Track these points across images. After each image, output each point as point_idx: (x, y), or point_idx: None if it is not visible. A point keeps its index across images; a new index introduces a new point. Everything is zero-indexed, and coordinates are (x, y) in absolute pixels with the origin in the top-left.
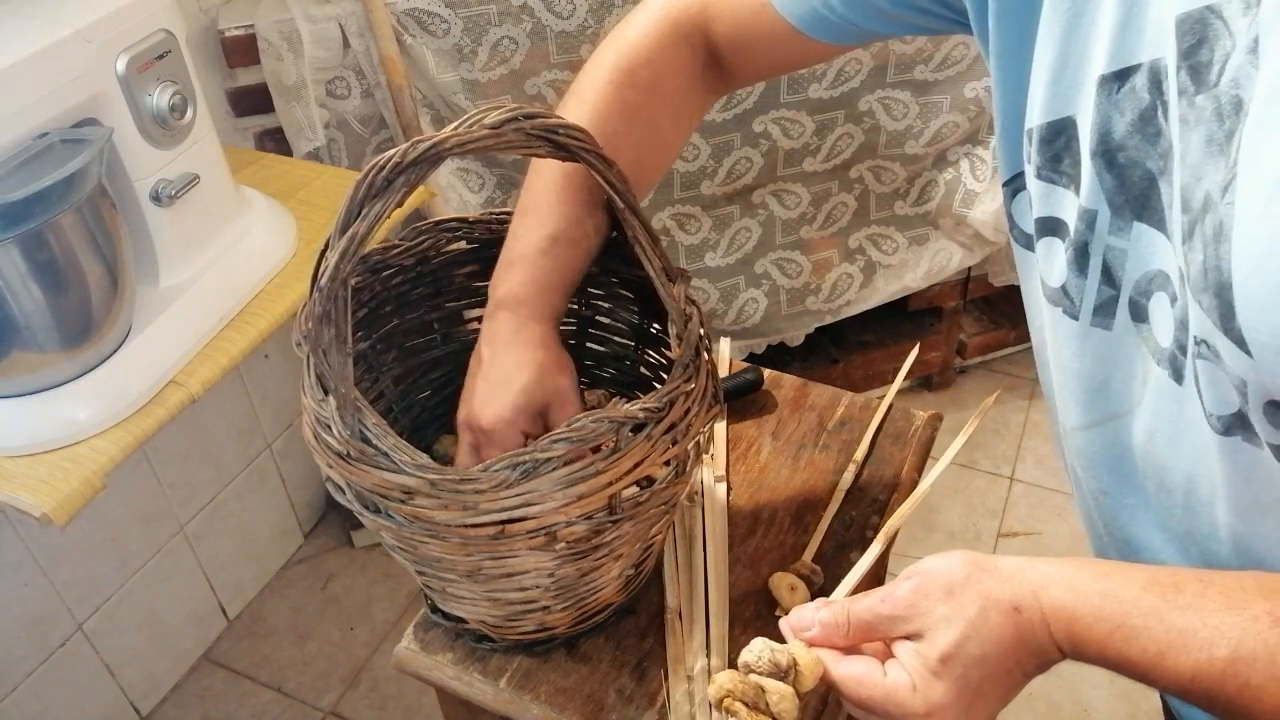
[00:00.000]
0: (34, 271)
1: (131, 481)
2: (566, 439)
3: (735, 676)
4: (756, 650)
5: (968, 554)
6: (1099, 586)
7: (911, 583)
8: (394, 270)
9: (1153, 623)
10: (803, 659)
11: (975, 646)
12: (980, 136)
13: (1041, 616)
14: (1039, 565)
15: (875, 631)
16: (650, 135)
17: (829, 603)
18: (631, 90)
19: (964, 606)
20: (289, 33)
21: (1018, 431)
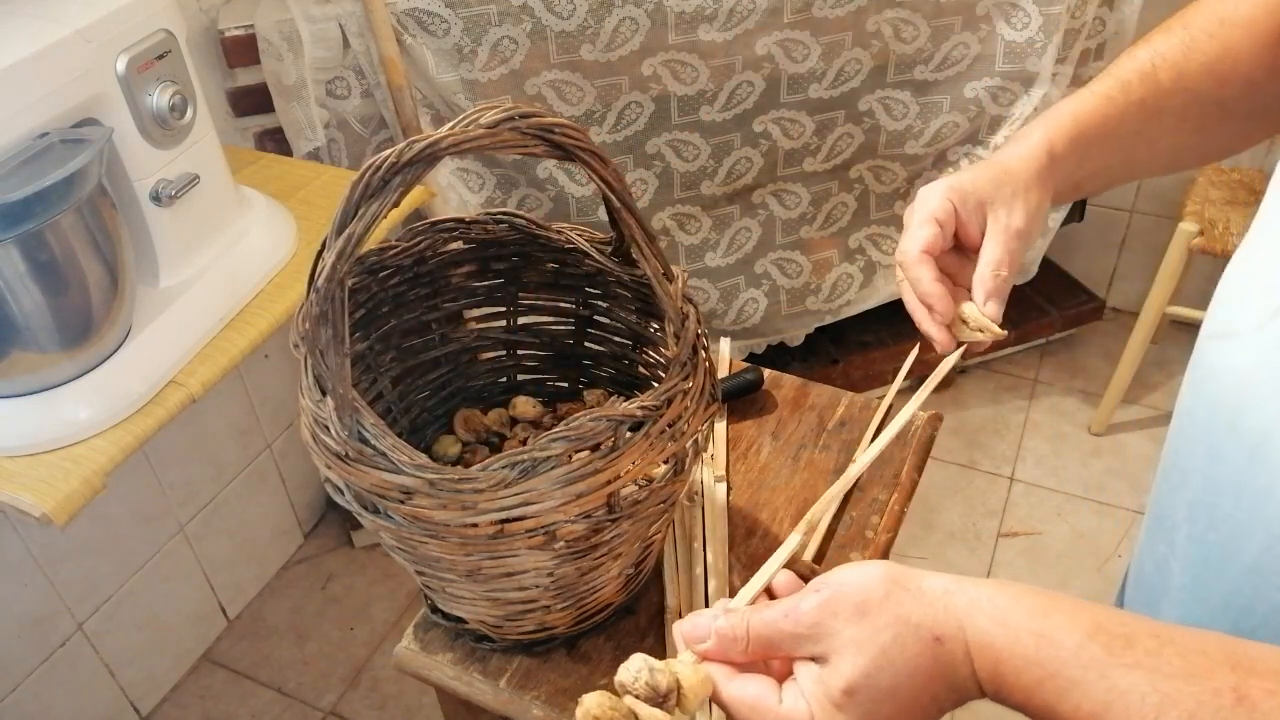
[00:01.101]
0: (34, 271)
1: (131, 481)
2: (565, 438)
3: (605, 701)
4: (634, 670)
5: (888, 568)
6: (1035, 626)
7: (820, 597)
8: (391, 271)
9: (1093, 677)
10: (687, 680)
11: (886, 678)
12: (980, 136)
13: (965, 650)
14: (968, 590)
15: (777, 649)
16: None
17: (729, 611)
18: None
19: (877, 631)
20: (289, 33)
21: (1018, 431)
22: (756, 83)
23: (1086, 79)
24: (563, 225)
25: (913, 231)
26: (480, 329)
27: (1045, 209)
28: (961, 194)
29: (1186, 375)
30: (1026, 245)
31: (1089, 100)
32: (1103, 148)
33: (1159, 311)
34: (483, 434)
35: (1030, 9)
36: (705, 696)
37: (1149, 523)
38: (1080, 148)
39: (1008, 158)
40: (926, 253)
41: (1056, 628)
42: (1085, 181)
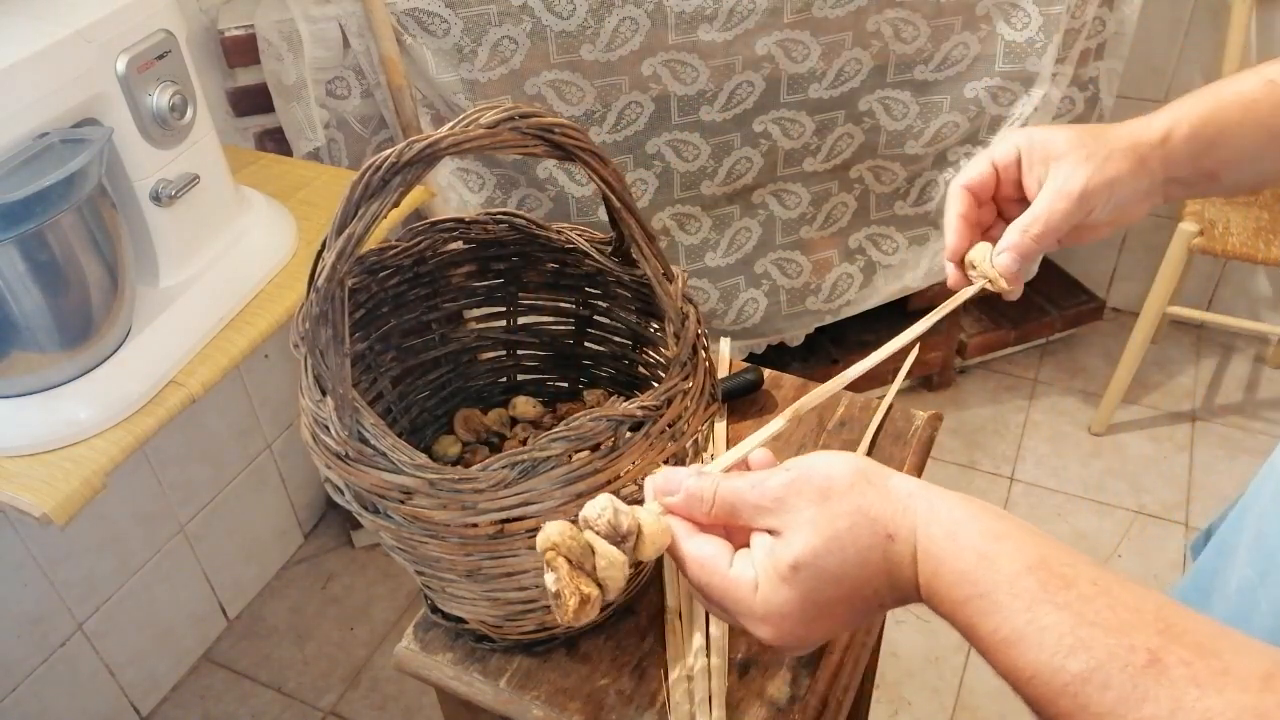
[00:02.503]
0: (34, 271)
1: (131, 481)
2: (564, 438)
3: (567, 530)
4: (599, 506)
5: (860, 461)
6: (982, 546)
7: (788, 475)
8: (391, 271)
9: (1018, 606)
10: (648, 527)
11: (834, 562)
12: (980, 136)
13: (913, 552)
14: (932, 497)
15: (738, 517)
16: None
17: (701, 472)
18: None
19: (834, 517)
20: (289, 33)
21: (1018, 431)
22: (756, 83)
23: (1087, 79)
24: (563, 225)
25: (970, 166)
26: (480, 329)
27: (1130, 187)
28: (1032, 143)
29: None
30: (1081, 210)
31: (1245, 79)
32: (1247, 135)
33: (1159, 311)
34: (483, 434)
35: (1030, 9)
36: (663, 546)
37: (1244, 536)
38: (1211, 133)
39: (1112, 126)
40: (967, 188)
41: (1001, 553)
42: (1223, 171)
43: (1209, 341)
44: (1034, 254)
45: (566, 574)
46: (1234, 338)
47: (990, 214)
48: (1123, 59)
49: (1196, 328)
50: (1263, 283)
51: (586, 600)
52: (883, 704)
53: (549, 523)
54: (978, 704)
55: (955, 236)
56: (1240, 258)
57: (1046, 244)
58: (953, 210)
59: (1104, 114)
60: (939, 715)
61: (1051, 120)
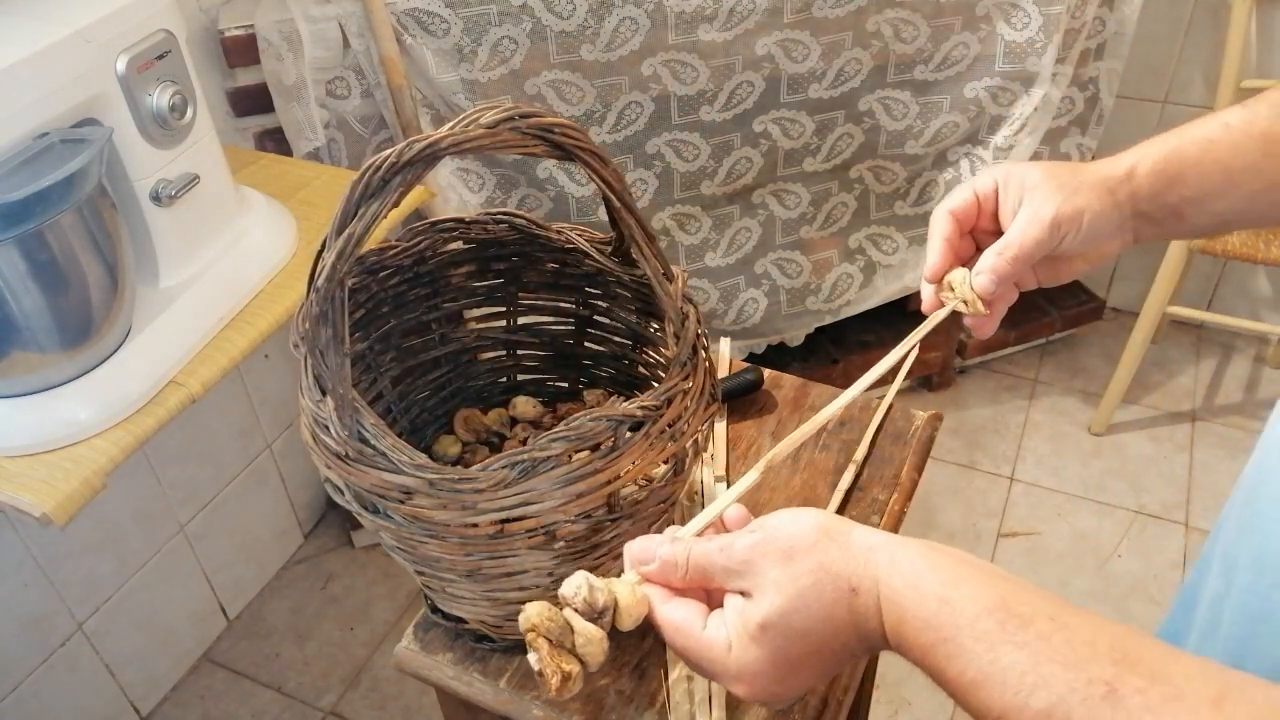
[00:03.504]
0: (34, 271)
1: (131, 481)
2: (564, 438)
3: (545, 611)
4: (574, 585)
5: (820, 517)
6: (943, 593)
7: (754, 538)
8: (391, 271)
9: (980, 649)
10: (624, 599)
11: (800, 620)
12: (980, 136)
13: (876, 603)
14: (892, 549)
15: (710, 580)
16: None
17: (675, 539)
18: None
19: (798, 576)
20: (289, 33)
21: (1018, 431)
22: (756, 83)
23: (1087, 79)
24: (563, 225)
25: (950, 194)
26: (480, 329)
27: (1100, 217)
28: (1008, 176)
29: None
30: (1053, 238)
31: (1205, 125)
32: (1206, 174)
33: (1159, 311)
34: (483, 434)
35: (1030, 9)
36: (640, 616)
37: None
38: (1173, 169)
39: (1089, 163)
40: (951, 213)
41: (962, 598)
42: (1186, 210)
43: (1209, 341)
44: (1010, 277)
45: (547, 654)
46: (1234, 338)
47: (969, 246)
48: (1123, 59)
49: (1196, 328)
50: (1263, 283)
51: (569, 677)
52: (883, 704)
53: (528, 604)
54: None
55: (938, 257)
56: (1240, 258)
57: (1020, 267)
58: (938, 233)
59: (1104, 114)
60: (939, 715)
61: (1052, 120)
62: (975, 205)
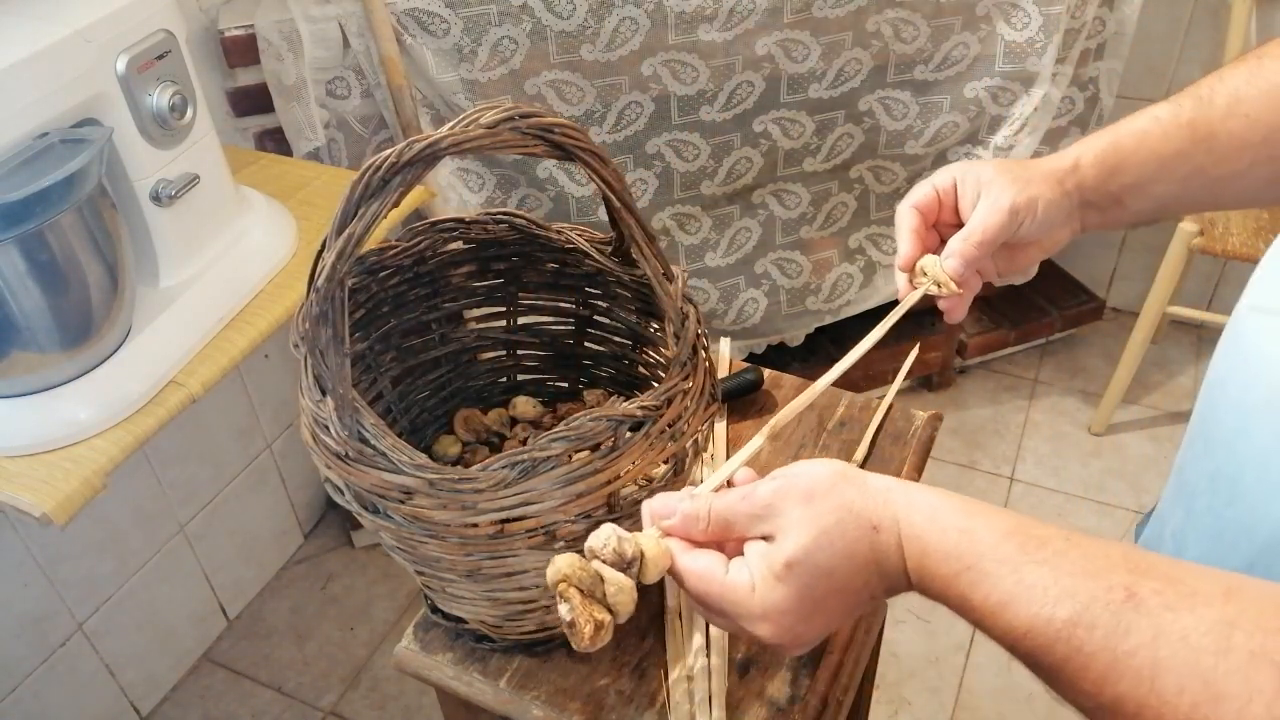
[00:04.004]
0: (34, 271)
1: (131, 481)
2: (564, 438)
3: (576, 561)
4: (603, 537)
5: (837, 464)
6: (960, 524)
7: (774, 484)
8: (391, 271)
9: (1005, 571)
10: (650, 551)
11: (825, 556)
12: (980, 136)
13: (898, 541)
14: (908, 490)
15: (732, 529)
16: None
17: (693, 495)
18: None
19: (820, 515)
20: (289, 33)
21: (1017, 431)
22: (756, 83)
23: (1087, 79)
24: (563, 225)
25: (912, 191)
26: (480, 329)
27: (1052, 206)
28: (965, 172)
29: (1221, 343)
30: (1012, 223)
31: (1137, 119)
32: (1140, 165)
33: (1159, 311)
34: (483, 434)
35: (1030, 9)
36: (664, 567)
37: (1170, 489)
38: (1112, 160)
39: (1034, 159)
40: (914, 206)
41: (979, 526)
42: (1126, 197)
43: (1209, 341)
44: (975, 260)
45: (579, 603)
46: None
47: (934, 238)
48: (1123, 59)
49: (1196, 328)
50: None
51: (601, 626)
52: (883, 704)
53: (557, 556)
54: (978, 704)
55: (909, 246)
56: (1240, 258)
57: (985, 251)
58: (905, 225)
59: (1104, 114)
60: (939, 715)
61: (1052, 120)
62: (936, 200)
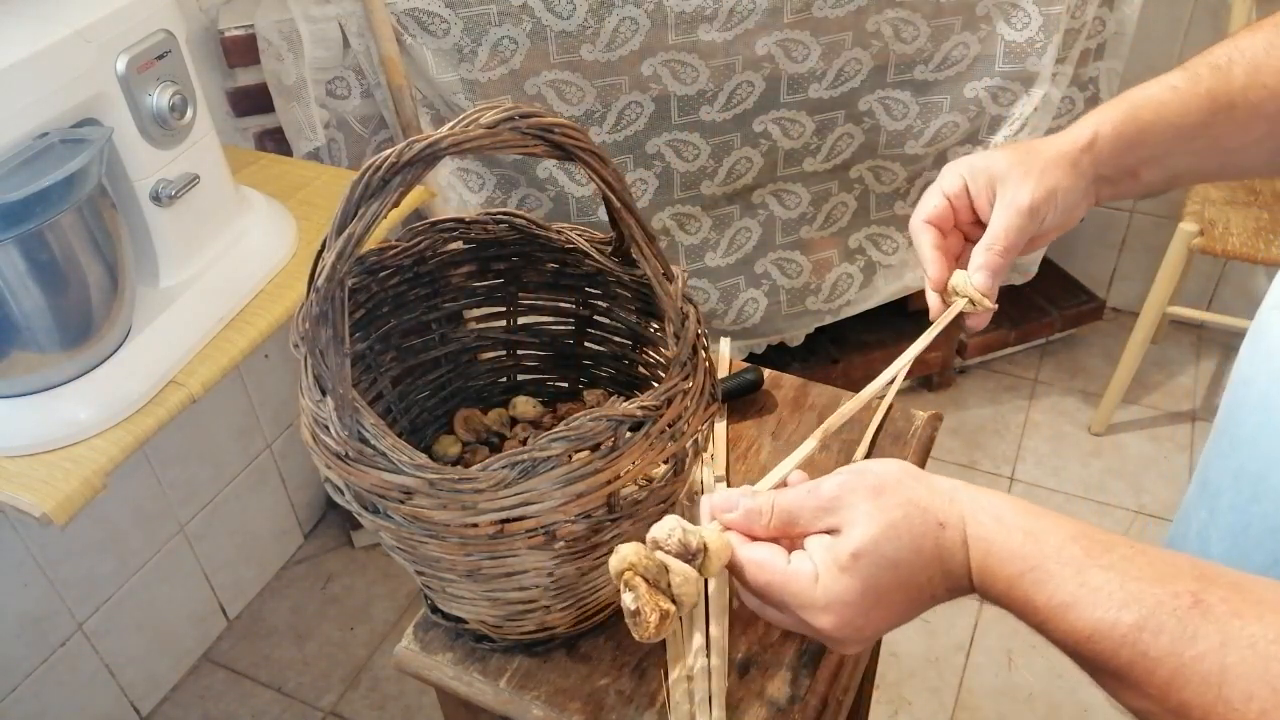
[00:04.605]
0: (34, 271)
1: (131, 481)
2: (564, 438)
3: (641, 551)
4: (668, 528)
5: (904, 464)
6: (1026, 525)
7: (840, 478)
8: (391, 271)
9: (1069, 573)
10: (713, 543)
11: (891, 549)
12: (980, 136)
13: (963, 539)
14: (972, 491)
15: (795, 524)
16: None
17: (755, 492)
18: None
19: (888, 508)
20: (289, 33)
21: (1018, 431)
22: (756, 83)
23: (1087, 79)
24: (563, 225)
25: (922, 202)
26: (480, 329)
27: (1069, 191)
28: (974, 169)
29: (1245, 343)
30: (1033, 222)
31: (1151, 88)
32: (1159, 137)
33: (1159, 311)
34: (483, 434)
35: (1030, 9)
36: (726, 559)
37: (1194, 486)
38: (1131, 133)
39: (1043, 140)
40: (928, 222)
41: (1045, 529)
42: (1142, 169)
43: (1209, 341)
44: (1004, 269)
45: (645, 593)
46: (1234, 338)
47: (958, 241)
48: (1123, 59)
49: (1196, 328)
50: (1262, 283)
51: (666, 616)
52: (883, 704)
53: (621, 545)
54: (978, 704)
55: (936, 268)
56: (1240, 258)
57: (1012, 257)
58: (925, 244)
59: None
60: (939, 715)
61: (1052, 121)
62: (949, 208)
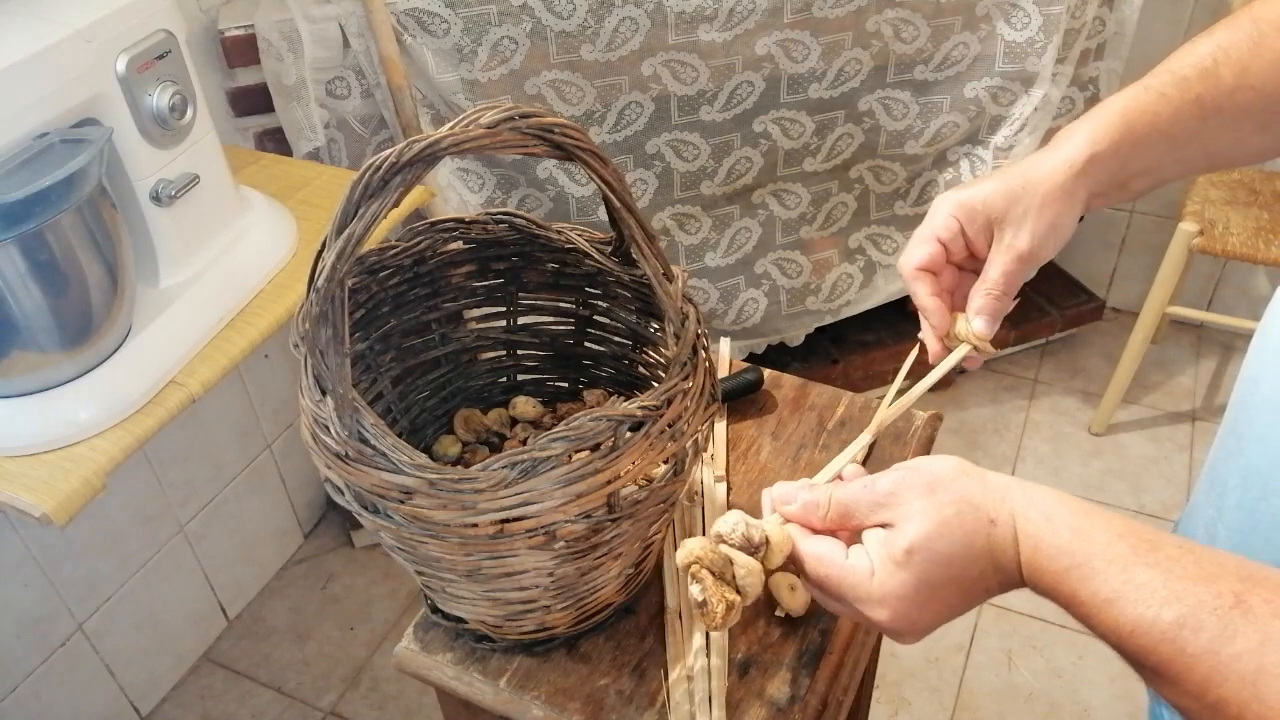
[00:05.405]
0: (34, 271)
1: (131, 481)
2: (564, 438)
3: (706, 544)
4: (731, 522)
5: (960, 461)
6: (1075, 523)
7: (896, 475)
8: (391, 271)
9: (1114, 570)
10: (775, 536)
11: (944, 545)
12: (980, 136)
13: (1013, 536)
14: (1026, 489)
15: (851, 517)
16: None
17: (811, 485)
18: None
19: (941, 505)
20: (289, 33)
21: (1018, 431)
22: (756, 83)
23: (1087, 79)
24: (563, 225)
25: (912, 247)
26: (480, 329)
27: (1066, 221)
28: (970, 211)
29: (1254, 340)
30: (1032, 265)
31: (1141, 97)
32: (1153, 146)
33: (1159, 311)
34: (483, 434)
35: (1030, 9)
36: (787, 552)
37: (1202, 484)
38: (1127, 147)
39: (1036, 165)
40: (922, 269)
41: (1094, 527)
42: (1133, 180)
43: (1209, 341)
44: (1003, 312)
45: (712, 584)
46: (1234, 338)
47: (952, 277)
48: (1123, 59)
49: (1196, 328)
50: (1263, 283)
51: (731, 606)
52: (883, 704)
53: (687, 539)
54: (978, 704)
55: (938, 316)
56: (1240, 258)
57: (1010, 299)
58: (922, 293)
59: None
60: (939, 715)
61: (1052, 120)
62: (942, 252)
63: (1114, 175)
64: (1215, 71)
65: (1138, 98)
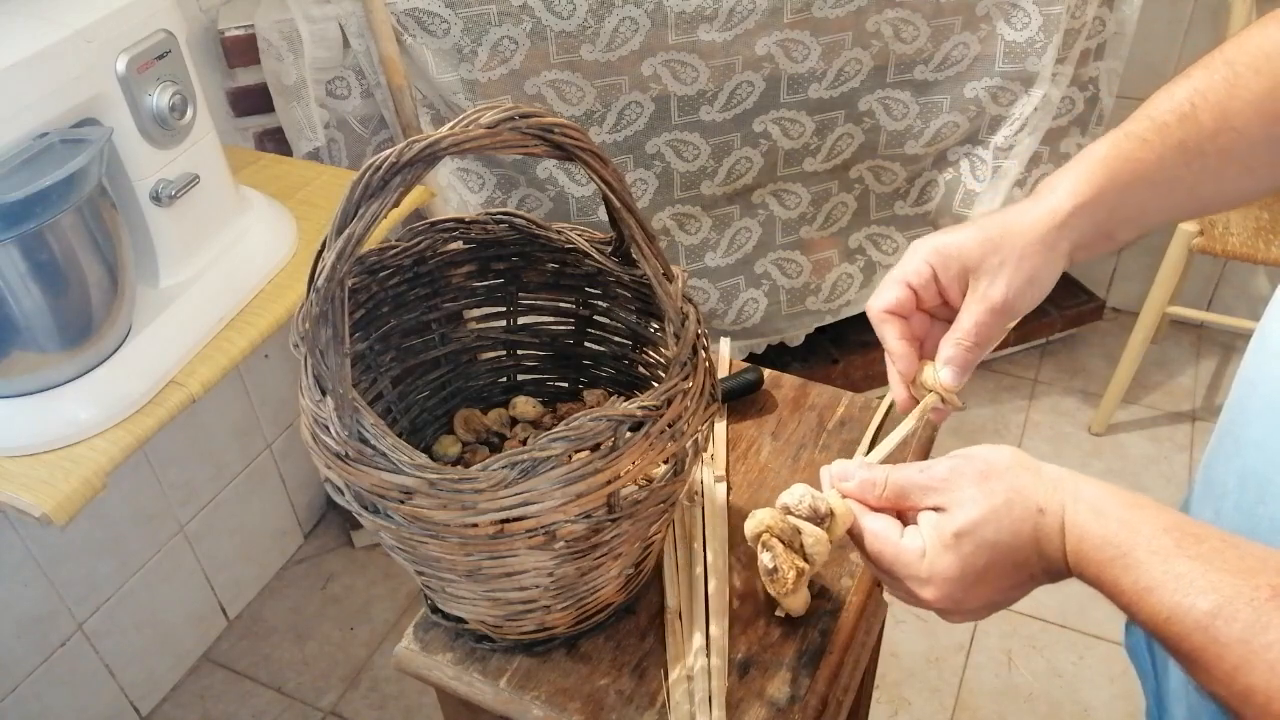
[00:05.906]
0: (34, 271)
1: (131, 481)
2: (564, 438)
3: (775, 514)
4: (798, 494)
5: (1016, 450)
6: (1122, 515)
7: (953, 461)
8: (391, 271)
9: (1155, 561)
10: (838, 508)
11: (991, 531)
12: (980, 136)
13: (1060, 526)
14: (1078, 481)
15: (905, 498)
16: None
17: (871, 466)
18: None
19: (992, 493)
20: (289, 33)
21: (1017, 431)
22: (756, 83)
23: (1087, 79)
24: (563, 225)
25: (881, 290)
26: (480, 329)
27: (1046, 275)
28: (944, 259)
29: (1252, 343)
30: (1006, 318)
31: (1122, 145)
32: (1137, 195)
33: (1159, 311)
34: (483, 434)
35: (1030, 9)
36: (848, 524)
37: (1199, 486)
38: (1112, 195)
39: (1017, 216)
40: (890, 312)
41: (1140, 520)
42: (1119, 230)
43: (1209, 341)
44: (973, 364)
45: (782, 552)
46: (1234, 338)
47: (923, 324)
48: (1123, 59)
49: (1196, 328)
50: (1263, 283)
51: (801, 573)
52: (883, 704)
53: (756, 510)
54: (978, 704)
55: (905, 361)
56: (1240, 258)
57: (982, 351)
58: (890, 336)
59: (1104, 114)
60: (939, 715)
61: (1052, 120)
62: (912, 297)
63: (1100, 225)
64: (1194, 116)
65: (1119, 145)
